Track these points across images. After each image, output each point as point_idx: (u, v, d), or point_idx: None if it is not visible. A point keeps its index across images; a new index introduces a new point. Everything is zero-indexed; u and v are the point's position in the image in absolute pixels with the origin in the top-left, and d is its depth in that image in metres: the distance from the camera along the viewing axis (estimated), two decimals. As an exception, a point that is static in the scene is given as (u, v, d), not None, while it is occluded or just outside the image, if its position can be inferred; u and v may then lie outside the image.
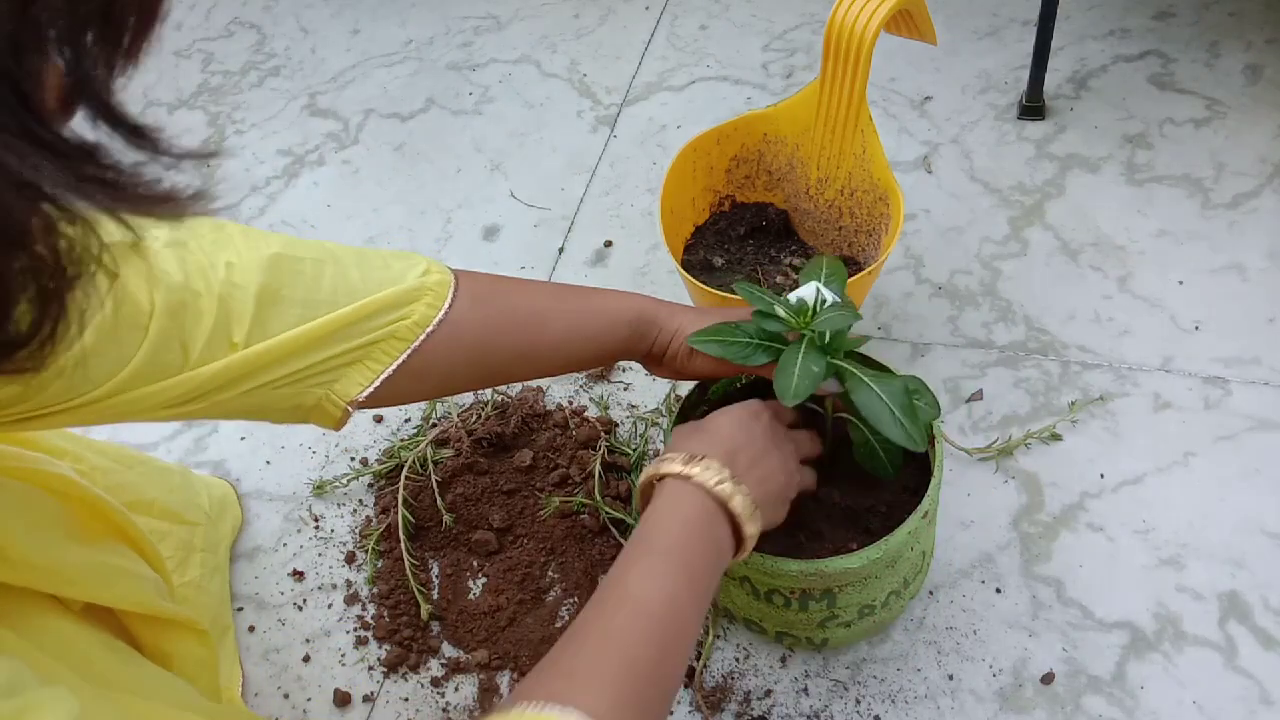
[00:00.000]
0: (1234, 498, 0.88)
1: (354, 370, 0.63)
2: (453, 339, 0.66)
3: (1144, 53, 1.26)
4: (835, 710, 0.81)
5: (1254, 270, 1.03)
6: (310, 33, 1.56)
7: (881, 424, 0.64)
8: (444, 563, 0.93)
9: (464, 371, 0.69)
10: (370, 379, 0.64)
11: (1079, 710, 0.79)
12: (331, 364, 0.62)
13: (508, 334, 0.69)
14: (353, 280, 0.63)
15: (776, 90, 1.32)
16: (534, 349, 0.70)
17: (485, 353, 0.68)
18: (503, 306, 0.69)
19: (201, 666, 0.76)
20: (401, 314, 0.64)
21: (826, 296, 0.70)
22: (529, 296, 0.71)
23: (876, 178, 0.94)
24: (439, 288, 0.66)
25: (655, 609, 0.55)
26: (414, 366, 0.65)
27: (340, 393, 0.63)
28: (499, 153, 1.31)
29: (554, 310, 0.71)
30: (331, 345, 0.62)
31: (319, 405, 0.63)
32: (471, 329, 0.67)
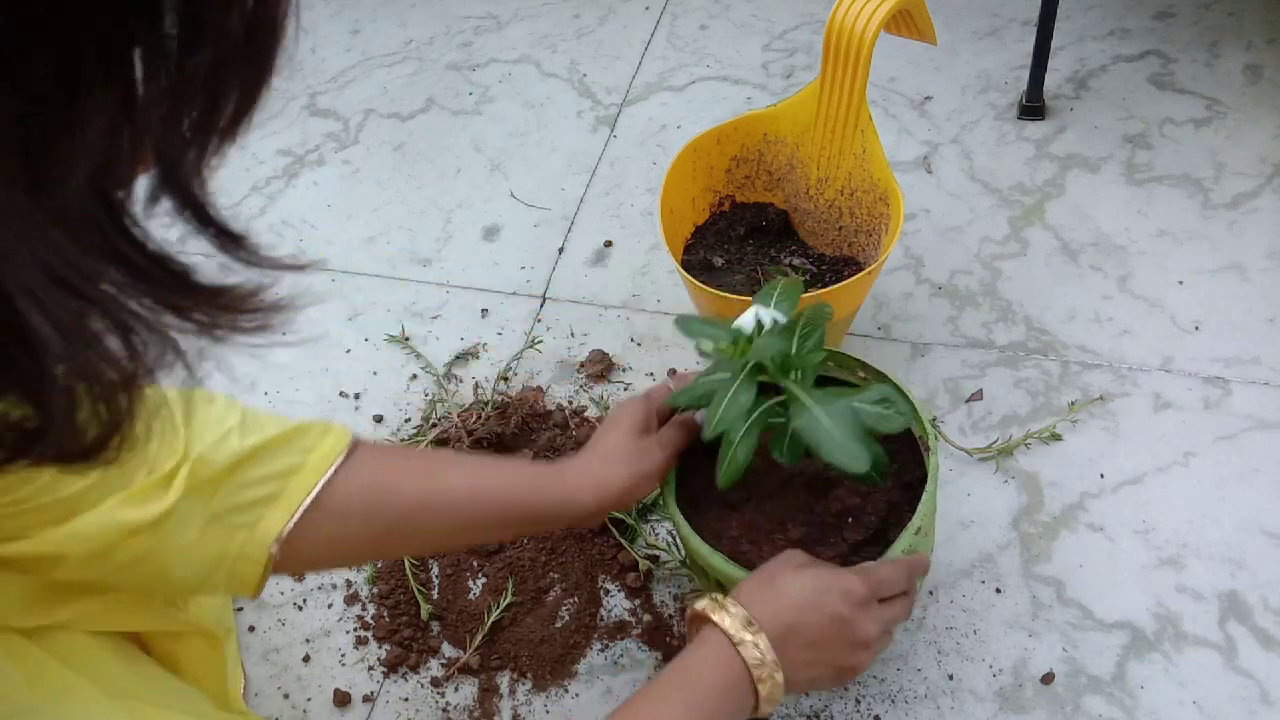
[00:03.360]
0: (1234, 498, 0.88)
1: (273, 507, 0.62)
2: (354, 480, 0.65)
3: (1144, 53, 1.26)
4: (835, 710, 0.81)
5: (1254, 270, 1.03)
6: (310, 33, 1.55)
7: (821, 446, 0.63)
8: (444, 563, 0.93)
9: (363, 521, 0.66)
10: (290, 513, 0.62)
11: (1079, 710, 0.79)
12: (252, 498, 0.61)
13: (407, 481, 0.67)
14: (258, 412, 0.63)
15: (776, 90, 1.32)
16: (432, 499, 0.68)
17: (386, 495, 0.66)
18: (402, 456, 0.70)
19: (209, 670, 0.77)
20: (310, 443, 0.64)
21: (766, 320, 0.68)
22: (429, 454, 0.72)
23: (876, 178, 0.94)
24: (342, 431, 0.66)
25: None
26: (323, 506, 0.63)
27: (264, 532, 0.62)
28: (499, 153, 1.31)
29: (454, 466, 0.70)
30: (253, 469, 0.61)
31: (243, 552, 0.61)
32: (371, 471, 0.66)
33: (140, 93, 0.30)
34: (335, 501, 0.64)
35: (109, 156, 0.30)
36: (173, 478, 0.57)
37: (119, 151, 0.30)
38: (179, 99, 0.31)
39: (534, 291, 1.14)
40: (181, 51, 0.31)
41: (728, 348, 0.68)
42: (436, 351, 1.10)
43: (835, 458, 0.63)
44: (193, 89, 0.32)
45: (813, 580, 0.65)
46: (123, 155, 0.31)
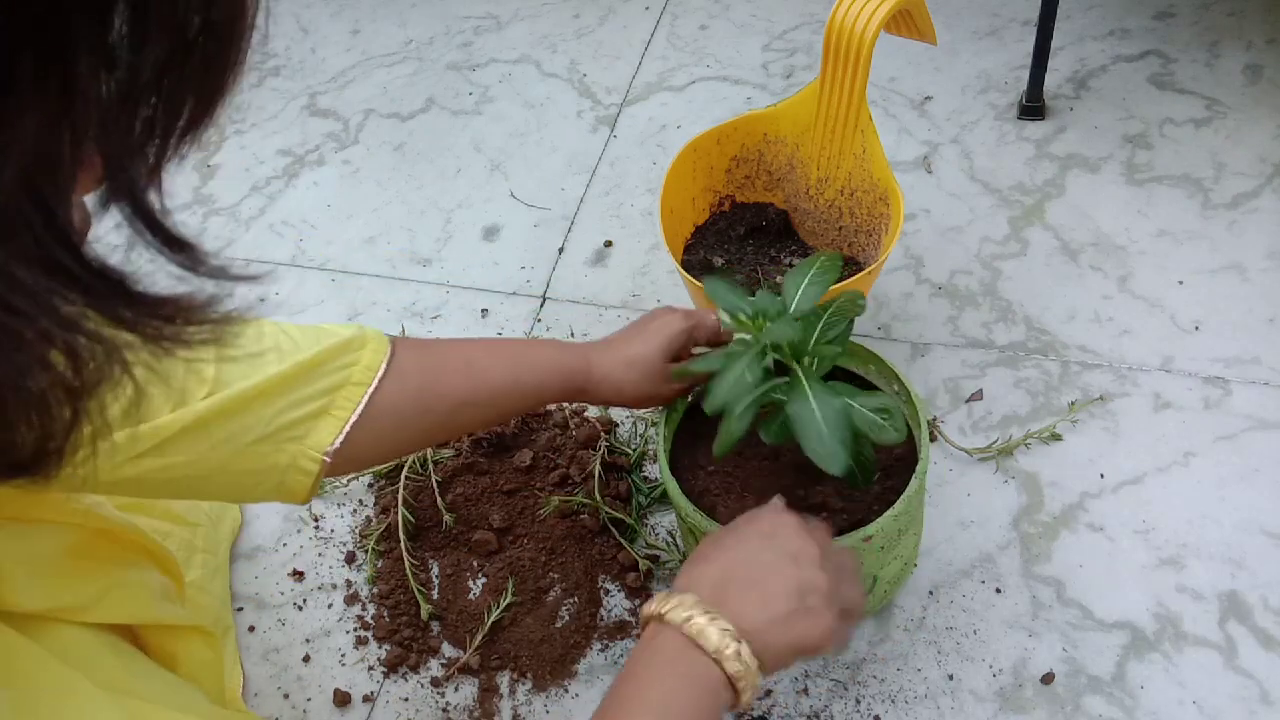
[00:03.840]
0: (1234, 498, 0.88)
1: (321, 422, 0.63)
2: (400, 386, 0.67)
3: (1144, 53, 1.26)
4: (835, 710, 0.81)
5: (1254, 270, 1.03)
6: (310, 33, 1.56)
7: (805, 438, 0.65)
8: (444, 563, 0.93)
9: (413, 421, 0.69)
10: (339, 427, 0.64)
11: (1079, 710, 0.79)
12: (299, 414, 0.62)
13: (450, 381, 0.70)
14: (290, 332, 0.64)
15: (776, 90, 1.32)
16: (475, 395, 0.71)
17: (432, 399, 0.69)
18: (441, 356, 0.71)
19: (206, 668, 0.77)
20: (351, 359, 0.65)
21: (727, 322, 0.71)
22: (463, 349, 0.73)
23: (876, 178, 0.94)
24: (378, 337, 0.68)
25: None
26: (371, 414, 0.65)
27: (314, 445, 0.63)
28: (499, 153, 1.31)
29: (490, 361, 0.73)
30: (296, 389, 0.62)
31: (294, 463, 0.63)
32: (415, 375, 0.68)
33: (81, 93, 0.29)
34: (382, 408, 0.66)
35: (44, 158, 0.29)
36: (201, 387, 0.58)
37: (56, 154, 0.29)
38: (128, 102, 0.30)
39: (534, 291, 1.14)
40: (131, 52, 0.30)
41: (745, 322, 0.69)
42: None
43: (813, 451, 0.64)
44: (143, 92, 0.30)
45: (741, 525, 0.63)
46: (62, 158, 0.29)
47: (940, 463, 0.93)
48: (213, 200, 1.33)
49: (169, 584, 0.75)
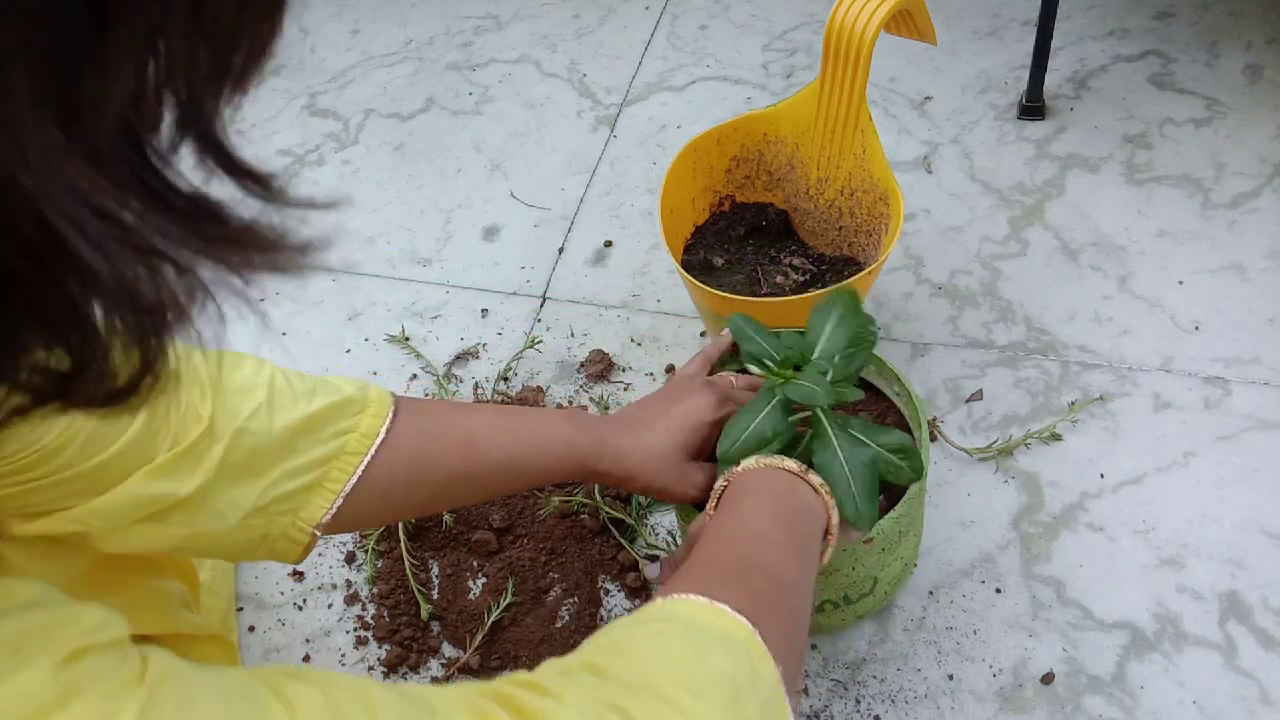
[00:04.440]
0: (1234, 498, 0.88)
1: (314, 495, 0.62)
2: (396, 457, 0.65)
3: (1144, 53, 1.26)
4: (835, 710, 0.81)
5: (1254, 270, 1.03)
6: (310, 33, 1.56)
7: (834, 490, 0.65)
8: (444, 563, 0.93)
9: (405, 493, 0.67)
10: (331, 500, 0.62)
11: (1079, 710, 0.79)
12: (292, 486, 0.61)
13: (448, 456, 0.67)
14: (291, 380, 0.63)
15: (776, 90, 1.32)
16: (472, 472, 0.68)
17: (426, 473, 0.67)
18: (443, 427, 0.68)
19: None
20: (349, 424, 0.63)
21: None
22: (468, 421, 0.69)
23: (876, 178, 0.94)
24: (380, 401, 0.65)
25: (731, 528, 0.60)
26: (364, 484, 0.64)
27: (306, 518, 0.62)
28: (499, 153, 1.31)
29: (493, 438, 0.69)
30: (291, 456, 0.60)
31: (285, 534, 0.62)
32: (412, 447, 0.66)
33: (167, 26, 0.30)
34: (377, 478, 0.64)
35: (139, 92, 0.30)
36: (201, 454, 0.57)
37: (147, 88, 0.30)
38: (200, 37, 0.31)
39: (534, 291, 1.14)
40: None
41: (771, 370, 0.69)
42: (436, 351, 1.10)
43: (846, 511, 0.65)
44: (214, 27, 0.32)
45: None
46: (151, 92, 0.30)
47: (940, 463, 0.93)
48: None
49: (186, 591, 0.75)
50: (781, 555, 0.58)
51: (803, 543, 0.61)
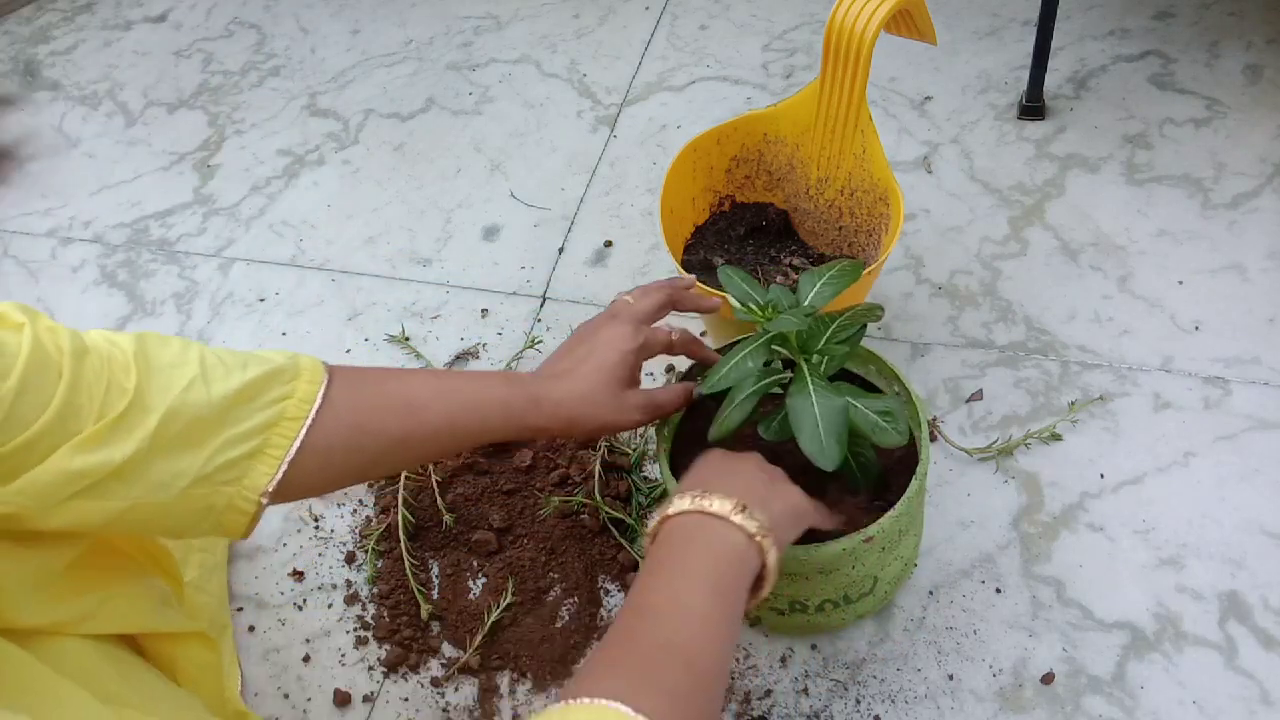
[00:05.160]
0: (1234, 498, 0.88)
1: (257, 462, 0.62)
2: (334, 423, 0.64)
3: (1144, 53, 1.26)
4: (835, 710, 0.81)
5: (1254, 270, 1.03)
6: (310, 33, 1.56)
7: (800, 432, 0.65)
8: (444, 563, 0.93)
9: (346, 459, 0.66)
10: (275, 467, 0.62)
11: (1079, 710, 0.79)
12: (234, 454, 0.60)
13: (385, 420, 0.67)
14: (219, 353, 0.62)
15: (776, 90, 1.32)
16: (410, 435, 0.68)
17: (365, 438, 0.66)
18: (377, 391, 0.68)
19: (206, 671, 0.76)
20: (285, 390, 0.63)
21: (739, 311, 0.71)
22: (402, 385, 0.69)
23: (876, 178, 0.94)
24: (313, 367, 0.65)
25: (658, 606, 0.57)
26: (306, 451, 0.63)
27: (251, 486, 0.62)
28: (499, 153, 1.31)
29: (428, 399, 0.69)
30: (230, 424, 0.60)
31: (230, 505, 0.62)
32: (349, 412, 0.65)
33: None
34: (317, 444, 0.63)
35: None
36: (132, 425, 0.57)
37: None
38: None
39: (534, 291, 1.14)
40: None
41: (755, 311, 0.70)
42: (436, 351, 1.10)
43: (807, 446, 0.65)
44: None
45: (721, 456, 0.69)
46: None
47: (940, 463, 0.93)
48: (213, 200, 1.33)
49: (167, 588, 0.75)
50: (708, 634, 0.56)
51: (731, 611, 0.59)
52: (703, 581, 0.58)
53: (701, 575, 0.59)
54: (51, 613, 0.62)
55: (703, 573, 0.59)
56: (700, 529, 0.61)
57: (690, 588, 0.58)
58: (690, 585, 0.58)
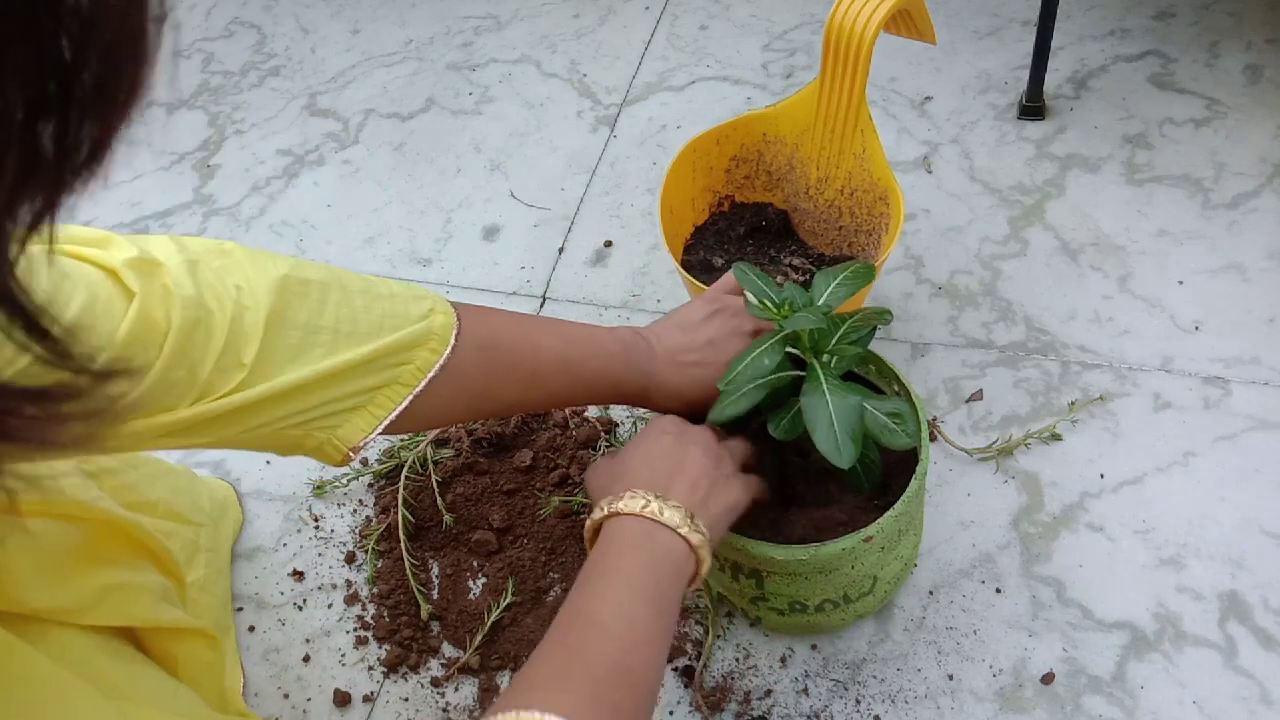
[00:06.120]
0: (1234, 498, 0.88)
1: (356, 416, 0.62)
2: (453, 385, 0.65)
3: (1144, 53, 1.26)
4: (835, 710, 0.81)
5: (1254, 270, 1.03)
6: (310, 33, 1.56)
7: (815, 430, 0.66)
8: (444, 563, 0.93)
9: (458, 414, 0.69)
10: (372, 425, 0.62)
11: (1079, 710, 0.79)
12: (335, 408, 0.61)
13: (506, 389, 0.68)
14: (356, 309, 0.61)
15: (776, 90, 1.32)
16: (524, 404, 0.70)
17: (482, 400, 0.68)
18: (507, 361, 0.68)
19: (208, 670, 0.77)
20: (406, 358, 0.62)
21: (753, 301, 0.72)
22: (533, 354, 0.69)
23: (876, 178, 0.94)
24: (443, 331, 0.64)
25: (601, 617, 0.57)
26: (413, 410, 0.64)
27: (343, 438, 0.62)
28: (499, 153, 1.31)
29: (552, 373, 0.70)
30: (337, 387, 0.60)
31: (321, 448, 0.62)
32: (472, 378, 0.66)
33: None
34: (423, 407, 0.64)
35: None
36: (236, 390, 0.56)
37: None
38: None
39: (534, 291, 1.14)
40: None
41: (770, 309, 0.71)
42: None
43: (822, 445, 0.65)
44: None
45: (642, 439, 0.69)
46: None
47: (940, 463, 0.93)
48: (213, 200, 1.33)
49: (169, 585, 0.75)
50: (652, 655, 0.57)
51: (670, 626, 0.60)
52: (650, 597, 0.59)
53: (649, 589, 0.59)
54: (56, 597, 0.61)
55: (650, 586, 0.60)
56: (649, 539, 0.62)
57: (638, 603, 0.58)
58: (637, 600, 0.59)
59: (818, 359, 0.70)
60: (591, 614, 0.58)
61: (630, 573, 0.60)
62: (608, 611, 0.58)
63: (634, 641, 0.57)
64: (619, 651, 0.56)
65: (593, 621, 0.57)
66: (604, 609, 0.58)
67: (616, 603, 0.58)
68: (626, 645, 0.56)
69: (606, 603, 0.58)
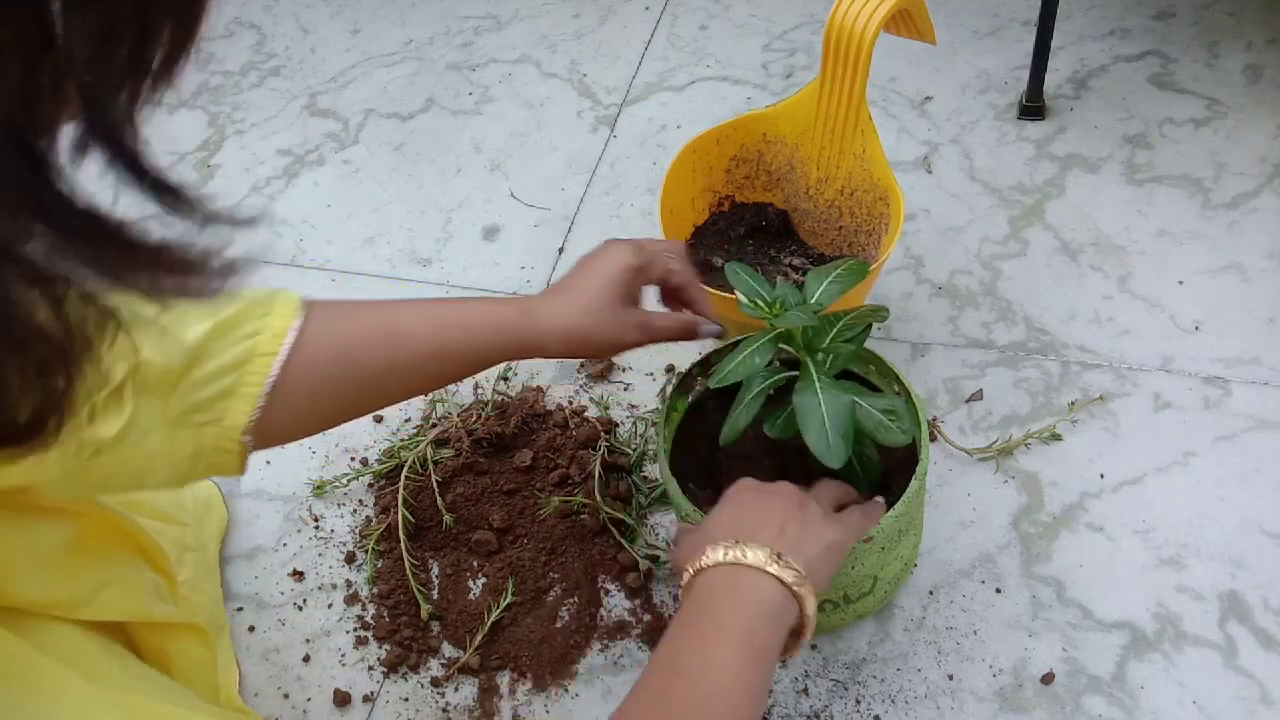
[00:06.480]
0: (1234, 498, 0.88)
1: (233, 399, 0.61)
2: (313, 356, 0.63)
3: (1144, 53, 1.26)
4: (835, 710, 0.81)
5: (1254, 270, 1.03)
6: (310, 33, 1.56)
7: (807, 429, 0.66)
8: (444, 563, 0.93)
9: (332, 393, 0.65)
10: (253, 402, 0.61)
11: (1079, 710, 0.79)
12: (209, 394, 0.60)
13: (368, 350, 0.66)
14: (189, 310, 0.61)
15: (776, 90, 1.32)
16: (397, 363, 0.66)
17: (349, 368, 0.65)
18: (358, 321, 0.66)
19: (200, 666, 0.76)
20: (256, 326, 0.61)
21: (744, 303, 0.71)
22: (383, 313, 0.68)
23: (876, 178, 0.94)
24: (287, 300, 0.63)
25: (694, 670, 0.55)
26: (286, 387, 0.62)
27: (231, 425, 0.61)
28: (499, 153, 1.31)
29: (413, 326, 0.67)
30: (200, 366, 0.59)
31: (216, 445, 0.61)
32: (330, 345, 0.64)
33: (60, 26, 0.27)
34: (299, 376, 0.62)
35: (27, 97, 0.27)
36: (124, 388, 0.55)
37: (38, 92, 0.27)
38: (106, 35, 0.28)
39: (534, 291, 1.14)
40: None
41: (763, 307, 0.71)
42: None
43: (813, 443, 0.65)
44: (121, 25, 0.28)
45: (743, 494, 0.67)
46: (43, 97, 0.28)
47: (940, 463, 0.93)
48: (213, 200, 1.33)
49: (161, 582, 0.75)
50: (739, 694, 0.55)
51: (764, 668, 0.57)
52: (737, 639, 0.56)
53: (736, 633, 0.57)
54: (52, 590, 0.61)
55: (737, 630, 0.57)
56: (734, 582, 0.59)
57: (724, 646, 0.56)
58: (724, 644, 0.56)
59: (812, 357, 0.70)
60: (673, 663, 0.56)
61: (715, 619, 0.57)
62: (689, 659, 0.55)
63: (719, 683, 0.54)
64: (701, 693, 0.54)
65: (674, 669, 0.55)
66: (685, 657, 0.56)
67: (699, 651, 0.56)
68: (711, 688, 0.54)
69: (689, 652, 0.56)
